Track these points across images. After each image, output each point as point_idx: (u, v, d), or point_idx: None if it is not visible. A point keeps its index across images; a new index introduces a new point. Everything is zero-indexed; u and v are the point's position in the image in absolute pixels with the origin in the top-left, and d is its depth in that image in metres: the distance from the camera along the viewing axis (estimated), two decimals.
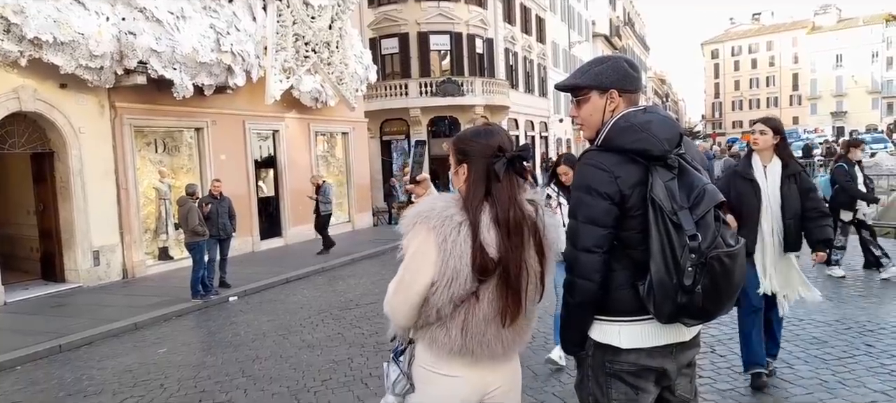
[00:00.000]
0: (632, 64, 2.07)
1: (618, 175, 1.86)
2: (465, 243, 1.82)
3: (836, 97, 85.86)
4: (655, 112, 1.94)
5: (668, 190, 1.81)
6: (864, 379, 4.30)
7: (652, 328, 1.89)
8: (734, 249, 1.76)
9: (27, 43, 9.02)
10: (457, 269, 1.81)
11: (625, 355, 1.91)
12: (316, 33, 13.86)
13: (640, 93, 2.05)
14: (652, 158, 1.85)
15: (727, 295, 1.80)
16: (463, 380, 1.93)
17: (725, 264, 1.74)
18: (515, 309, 1.89)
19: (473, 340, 1.88)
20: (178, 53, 10.89)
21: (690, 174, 1.84)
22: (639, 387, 1.93)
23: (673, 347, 1.93)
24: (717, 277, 1.74)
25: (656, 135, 1.85)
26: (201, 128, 12.85)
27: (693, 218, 1.77)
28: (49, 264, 10.81)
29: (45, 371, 6.26)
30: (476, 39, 28.06)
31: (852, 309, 6.13)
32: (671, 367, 1.94)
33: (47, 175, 10.58)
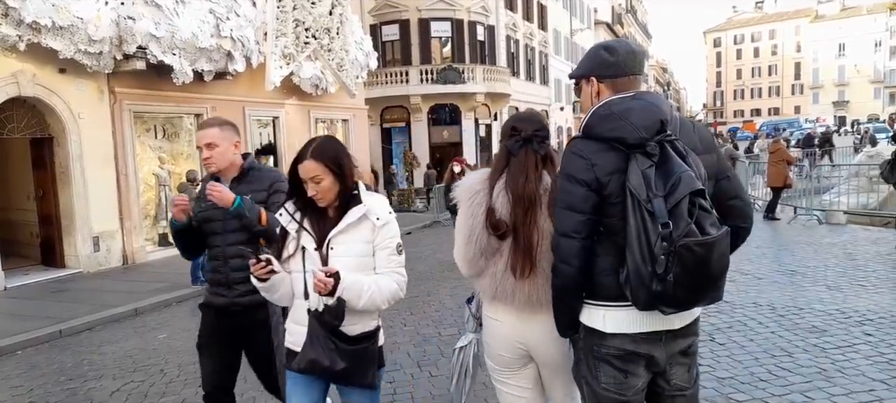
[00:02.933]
0: (609, 48, 2.06)
1: (595, 163, 1.89)
2: (479, 207, 2.29)
3: (839, 86, 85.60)
4: (642, 98, 1.91)
5: (644, 178, 1.80)
6: (863, 368, 4.30)
7: (636, 314, 1.89)
8: (708, 238, 1.72)
9: (26, 27, 8.97)
10: (473, 227, 2.29)
11: (610, 339, 1.95)
12: (316, 19, 13.78)
13: (627, 77, 2.02)
14: (629, 146, 1.85)
15: (702, 285, 1.78)
16: (504, 324, 2.34)
17: (697, 253, 1.71)
18: (525, 263, 2.21)
19: (498, 288, 2.29)
20: (178, 39, 10.84)
21: (671, 162, 1.80)
22: (627, 371, 1.95)
23: (661, 334, 1.93)
24: (689, 266, 1.72)
25: (633, 123, 1.86)
26: (201, 115, 12.81)
27: (667, 207, 1.75)
28: (49, 249, 10.82)
29: (45, 355, 6.28)
30: (477, 26, 27.92)
31: (852, 298, 6.14)
32: (659, 354, 1.95)
33: (47, 160, 10.56)
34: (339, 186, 2.30)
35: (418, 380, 4.73)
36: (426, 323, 6.36)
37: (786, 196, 13.14)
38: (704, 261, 1.73)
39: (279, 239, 2.44)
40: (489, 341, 2.42)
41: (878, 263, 7.68)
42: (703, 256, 1.73)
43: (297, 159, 2.33)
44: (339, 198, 2.32)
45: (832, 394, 3.92)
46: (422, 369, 4.98)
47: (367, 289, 2.23)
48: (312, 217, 2.35)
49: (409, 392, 4.50)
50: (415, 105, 25.63)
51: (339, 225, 2.29)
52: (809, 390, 4.00)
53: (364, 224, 2.30)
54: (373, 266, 2.32)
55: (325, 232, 2.30)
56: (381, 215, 2.31)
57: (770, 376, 4.26)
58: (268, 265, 2.25)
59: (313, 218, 2.35)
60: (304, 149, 2.32)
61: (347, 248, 2.28)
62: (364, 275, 2.26)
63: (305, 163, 2.28)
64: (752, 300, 6.18)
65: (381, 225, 2.30)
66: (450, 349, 5.38)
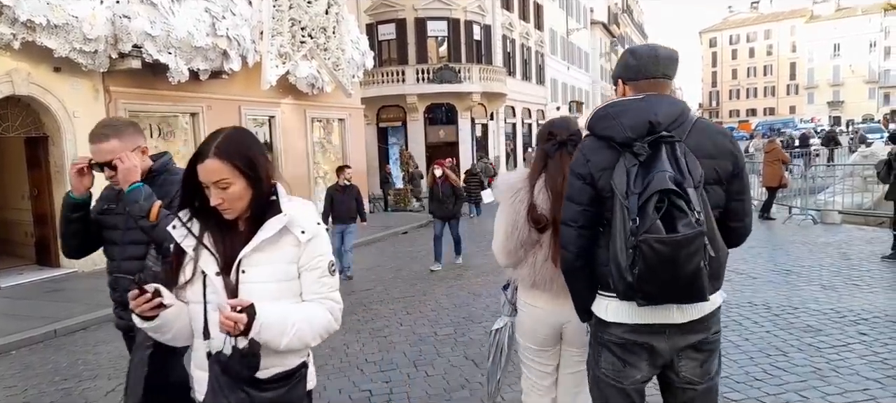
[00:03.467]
0: (634, 52, 2.17)
1: (590, 159, 2.03)
2: (521, 203, 2.54)
3: (834, 86, 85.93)
4: (646, 100, 1.99)
5: (628, 175, 1.88)
6: (857, 368, 4.32)
7: (636, 306, 1.92)
8: (670, 236, 1.75)
9: (20, 25, 8.92)
10: (516, 221, 2.52)
11: (611, 327, 2.03)
12: (312, 18, 13.76)
13: (647, 80, 2.09)
14: (619, 144, 1.95)
15: (668, 281, 1.81)
16: (541, 310, 2.61)
17: (657, 249, 1.76)
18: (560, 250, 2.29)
19: (538, 276, 2.54)
20: (173, 37, 10.81)
21: (657, 162, 1.85)
22: (626, 360, 2.02)
23: (665, 327, 1.96)
24: (651, 262, 1.77)
25: (623, 123, 1.96)
26: (196, 114, 12.78)
27: (638, 203, 1.81)
28: (44, 249, 10.78)
29: (40, 355, 6.25)
30: (473, 26, 27.92)
31: (846, 297, 6.16)
32: (662, 346, 1.98)
33: (42, 159, 10.51)
34: (253, 192, 1.77)
35: (414, 380, 4.73)
36: (422, 322, 6.35)
37: (781, 196, 13.18)
38: (668, 259, 1.77)
39: (173, 259, 1.86)
40: (526, 323, 2.69)
41: (873, 263, 7.71)
42: (666, 254, 1.76)
43: (196, 157, 1.76)
44: (252, 207, 1.78)
45: (827, 393, 3.94)
46: (418, 368, 4.98)
47: (293, 325, 1.73)
48: (216, 232, 1.80)
49: (405, 392, 4.50)
50: (411, 104, 25.61)
51: (252, 242, 1.75)
52: (804, 389, 4.02)
53: (285, 239, 1.77)
54: (298, 291, 1.81)
55: (234, 252, 1.76)
56: (307, 227, 1.79)
57: (765, 375, 4.28)
58: (154, 297, 1.69)
59: (218, 233, 1.80)
60: (206, 145, 1.76)
61: (264, 271, 1.75)
62: (288, 304, 1.77)
63: (207, 163, 1.72)
64: (748, 299, 6.20)
65: (306, 239, 1.78)
66: (446, 348, 5.40)
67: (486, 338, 5.57)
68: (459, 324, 6.15)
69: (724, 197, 2.02)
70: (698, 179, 1.86)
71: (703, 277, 1.82)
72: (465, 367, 4.92)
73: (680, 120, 1.97)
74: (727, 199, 2.03)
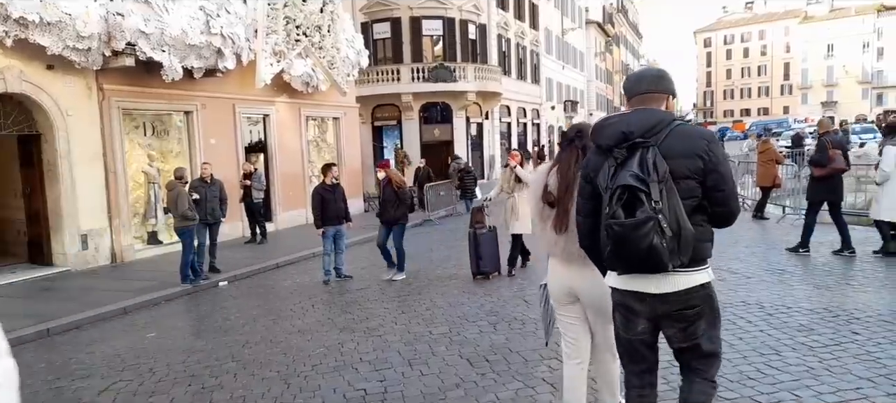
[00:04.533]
0: (628, 77, 2.77)
1: (588, 162, 2.65)
2: (539, 186, 3.27)
3: (827, 87, 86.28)
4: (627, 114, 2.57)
5: (606, 174, 2.44)
6: (850, 367, 4.34)
7: (621, 276, 2.52)
8: (623, 220, 2.31)
9: (12, 23, 8.88)
10: (536, 199, 3.29)
11: (613, 291, 2.63)
12: (307, 17, 13.73)
13: (635, 96, 2.64)
14: (603, 150, 2.51)
15: (627, 255, 2.35)
16: (556, 273, 3.26)
17: (615, 231, 2.33)
18: (561, 223, 3.11)
19: (548, 243, 3.24)
20: (167, 35, 10.77)
21: (628, 163, 2.37)
22: (626, 316, 2.59)
23: (643, 295, 2.49)
24: (614, 239, 2.35)
25: (602, 134, 2.55)
26: (191, 112, 12.73)
27: (609, 195, 2.39)
28: (37, 247, 10.72)
29: (32, 354, 6.22)
30: (469, 25, 27.91)
31: (839, 296, 6.19)
32: (640, 308, 2.52)
33: (34, 157, 10.46)
34: None
35: (409, 379, 4.73)
36: (417, 321, 6.35)
37: (775, 195, 13.21)
38: (622, 238, 2.32)
39: None
40: (549, 283, 3.39)
41: (866, 262, 7.74)
42: (621, 233, 2.32)
43: None
44: None
45: (820, 392, 3.95)
46: (412, 367, 4.97)
47: None
48: None
49: (400, 391, 4.49)
50: (406, 103, 25.58)
51: None
52: (798, 388, 4.03)
53: None
54: None
55: None
56: None
57: (759, 374, 4.29)
58: None
59: None
60: None
61: None
62: None
63: None
64: (741, 299, 6.22)
65: None
66: (441, 347, 5.40)
67: (480, 337, 5.58)
68: (454, 323, 6.15)
69: (699, 188, 2.43)
70: (662, 175, 2.32)
71: (660, 252, 2.28)
72: (459, 366, 4.91)
73: (656, 128, 2.43)
74: (706, 190, 2.44)
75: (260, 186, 12.86)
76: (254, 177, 12.78)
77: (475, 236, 8.21)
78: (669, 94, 2.66)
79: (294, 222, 15.20)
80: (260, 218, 12.95)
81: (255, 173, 12.92)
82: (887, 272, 7.18)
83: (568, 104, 45.84)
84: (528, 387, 4.38)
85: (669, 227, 2.28)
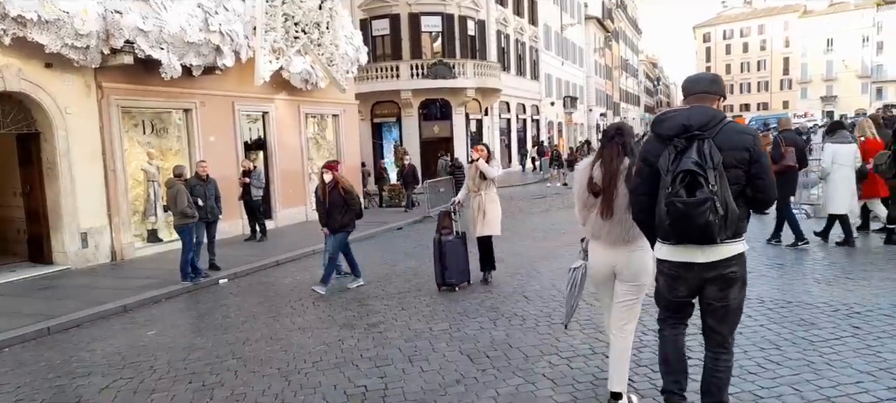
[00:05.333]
0: (686, 79, 3.25)
1: (647, 148, 3.13)
2: (584, 176, 3.71)
3: (827, 81, 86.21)
4: (687, 111, 3.05)
5: (667, 160, 2.91)
6: (851, 361, 4.34)
7: (673, 248, 3.05)
8: (686, 199, 2.80)
9: (10, 21, 8.86)
10: (581, 189, 3.73)
11: (661, 262, 3.17)
12: (306, 14, 13.71)
13: (691, 96, 3.17)
14: (664, 139, 3.00)
15: (686, 229, 2.87)
16: (598, 254, 3.72)
17: (678, 208, 2.83)
18: (606, 209, 3.56)
19: (594, 228, 3.70)
20: (166, 33, 10.75)
21: (688, 151, 2.86)
22: (671, 282, 3.15)
23: (693, 264, 3.01)
24: (674, 215, 2.85)
25: (666, 126, 3.04)
26: (190, 110, 12.71)
27: (671, 178, 2.86)
28: (37, 246, 10.72)
29: (33, 353, 6.22)
30: (468, 21, 27.87)
31: (840, 291, 6.19)
32: (690, 276, 3.05)
33: (34, 156, 10.45)
34: None
35: (409, 375, 4.73)
36: (417, 318, 6.35)
37: None
38: (684, 214, 2.82)
39: None
40: (590, 264, 3.82)
41: (866, 256, 7.75)
42: (683, 210, 2.81)
43: None
44: None
45: (820, 387, 3.95)
46: (413, 364, 4.98)
47: None
48: None
49: (401, 388, 4.49)
50: (405, 100, 25.56)
51: None
52: (798, 383, 4.04)
53: None
54: None
55: None
56: None
57: (759, 369, 4.29)
58: None
59: None
60: None
61: None
62: None
63: None
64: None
65: None
66: (441, 343, 5.40)
67: (481, 333, 5.58)
68: (454, 319, 6.15)
69: (744, 176, 2.94)
70: (717, 163, 2.82)
71: (713, 227, 2.79)
72: (460, 362, 4.92)
73: (711, 123, 2.94)
74: (749, 178, 2.95)
75: (259, 184, 12.82)
76: (253, 174, 12.73)
77: (440, 243, 7.37)
78: (720, 96, 3.19)
79: (294, 219, 15.19)
80: (259, 215, 12.93)
81: (254, 170, 12.88)
82: (888, 266, 7.18)
83: (567, 100, 45.78)
84: (529, 383, 4.38)
85: (721, 207, 2.79)
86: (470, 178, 7.68)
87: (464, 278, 7.49)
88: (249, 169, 12.85)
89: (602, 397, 4.05)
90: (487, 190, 7.50)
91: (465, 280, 7.52)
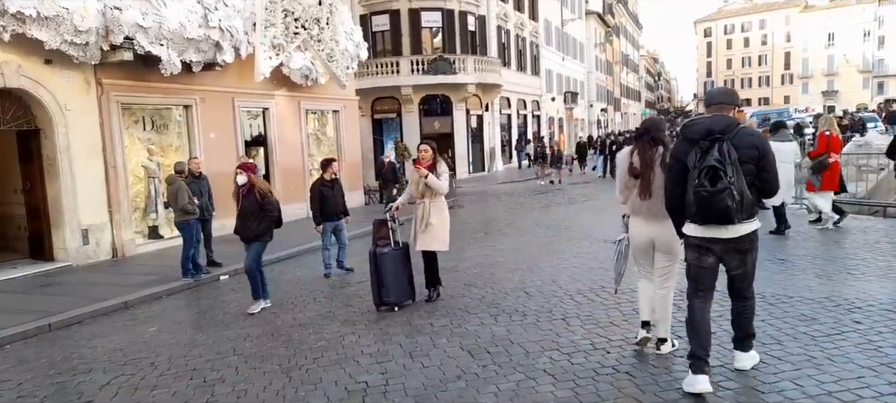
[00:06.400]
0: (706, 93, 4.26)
1: (678, 148, 3.93)
2: (625, 163, 4.49)
3: (828, 76, 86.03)
4: (710, 117, 3.87)
5: (694, 158, 3.70)
6: (852, 356, 4.33)
7: (698, 227, 3.84)
8: (708, 189, 3.59)
9: (9, 17, 8.85)
10: (623, 173, 4.49)
11: (690, 237, 3.95)
12: (306, 9, 13.67)
13: (712, 106, 4.04)
14: (691, 140, 3.79)
15: (709, 214, 3.67)
16: (638, 227, 4.53)
17: (703, 196, 3.62)
18: (645, 191, 4.34)
19: (634, 206, 4.48)
20: (165, 29, 10.73)
21: (711, 150, 3.64)
22: (699, 253, 3.91)
23: (718, 240, 3.80)
24: (700, 201, 3.65)
25: (693, 130, 3.85)
26: (190, 106, 12.70)
27: (697, 172, 3.65)
28: (38, 243, 10.72)
29: (34, 349, 6.23)
30: (468, 16, 27.81)
31: (840, 286, 6.18)
32: (716, 249, 3.85)
33: (34, 153, 10.44)
34: None
35: (410, 371, 4.73)
36: (418, 313, 6.35)
37: None
38: (708, 201, 3.61)
39: None
40: (632, 236, 4.63)
41: (867, 251, 7.74)
42: (707, 198, 3.60)
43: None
44: None
45: (822, 381, 3.95)
46: (414, 360, 4.97)
47: None
48: None
49: (402, 384, 4.49)
50: (406, 96, 25.52)
51: None
52: (799, 378, 4.03)
53: None
54: None
55: None
56: None
57: (760, 364, 4.28)
58: None
59: None
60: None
61: None
62: None
63: None
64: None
65: None
66: (442, 339, 5.41)
67: (481, 329, 5.58)
68: (455, 315, 6.14)
69: (755, 170, 3.72)
70: (733, 160, 3.61)
71: (731, 210, 3.59)
72: (460, 358, 4.91)
73: (729, 128, 3.72)
74: (758, 171, 3.73)
75: None
76: None
77: (375, 256, 6.49)
78: (735, 106, 4.06)
79: (294, 216, 15.14)
80: None
81: None
82: (889, 261, 7.17)
83: (568, 95, 45.71)
84: (530, 379, 4.38)
85: (737, 194, 3.57)
86: (413, 183, 6.69)
87: (406, 296, 6.55)
88: None
89: (603, 392, 4.05)
90: (434, 197, 6.50)
91: (408, 298, 6.60)
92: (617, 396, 3.99)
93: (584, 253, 9.01)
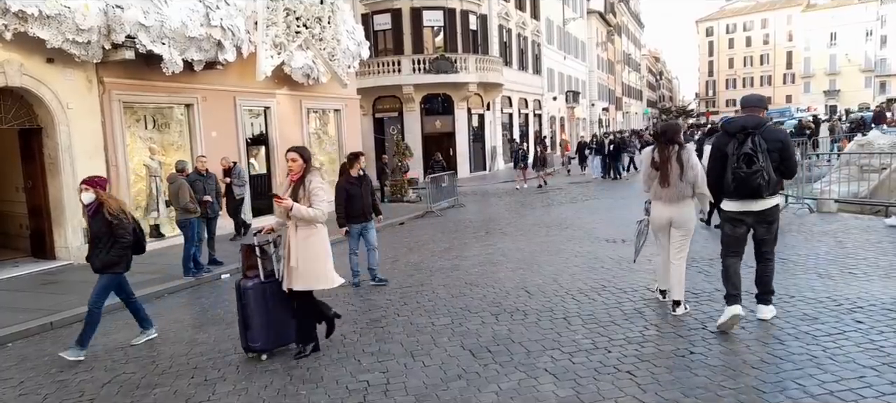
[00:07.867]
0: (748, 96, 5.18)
1: (718, 140, 5.05)
2: (648, 158, 5.56)
3: (830, 76, 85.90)
4: (744, 117, 4.93)
5: (732, 147, 4.79)
6: (853, 355, 4.33)
7: (734, 202, 4.94)
8: (745, 170, 4.70)
9: (11, 16, 8.84)
10: (647, 166, 5.55)
11: (728, 212, 5.05)
12: (307, 8, 13.66)
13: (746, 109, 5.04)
14: (730, 134, 4.87)
15: (745, 191, 4.78)
16: (659, 209, 5.53)
17: (740, 176, 4.72)
18: (664, 180, 5.35)
19: (655, 192, 5.50)
20: (167, 28, 10.73)
21: (746, 142, 4.72)
22: (734, 225, 5.04)
23: (750, 213, 4.92)
24: (738, 180, 4.75)
25: (731, 125, 4.94)
26: (191, 105, 12.70)
27: (735, 158, 4.75)
28: (39, 241, 10.73)
29: (36, 347, 6.24)
30: (469, 15, 27.79)
31: (842, 285, 6.17)
32: (748, 220, 4.96)
33: (36, 151, 10.44)
34: None
35: (411, 370, 4.73)
36: (419, 313, 6.35)
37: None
38: (744, 180, 4.73)
39: None
40: (653, 217, 5.62)
41: (869, 251, 7.73)
42: (744, 178, 4.72)
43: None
44: None
45: (823, 381, 3.95)
46: (415, 359, 4.97)
47: None
48: None
49: (403, 383, 4.49)
50: (407, 95, 25.52)
51: None
52: (800, 377, 4.03)
53: None
54: None
55: None
56: None
57: (762, 363, 4.29)
58: None
59: None
60: None
61: None
62: None
63: None
64: (745, 288, 6.20)
65: None
66: (443, 338, 5.41)
67: (483, 328, 5.58)
68: (456, 314, 6.15)
69: (779, 158, 4.80)
70: (763, 149, 4.69)
71: (762, 188, 4.72)
72: (462, 357, 4.91)
73: (760, 125, 4.80)
74: (781, 158, 4.82)
75: (240, 182, 12.37)
76: (233, 172, 12.22)
77: (240, 291, 5.25)
78: (764, 108, 5.07)
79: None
80: (238, 214, 12.52)
81: (234, 168, 12.35)
82: (890, 261, 7.16)
83: (570, 94, 45.68)
84: (531, 378, 4.38)
85: (766, 175, 4.67)
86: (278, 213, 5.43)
87: (273, 341, 5.23)
88: (229, 166, 12.26)
89: (604, 391, 4.05)
90: (308, 227, 5.20)
91: (278, 342, 5.29)
92: (618, 395, 3.99)
93: (585, 252, 9.01)
